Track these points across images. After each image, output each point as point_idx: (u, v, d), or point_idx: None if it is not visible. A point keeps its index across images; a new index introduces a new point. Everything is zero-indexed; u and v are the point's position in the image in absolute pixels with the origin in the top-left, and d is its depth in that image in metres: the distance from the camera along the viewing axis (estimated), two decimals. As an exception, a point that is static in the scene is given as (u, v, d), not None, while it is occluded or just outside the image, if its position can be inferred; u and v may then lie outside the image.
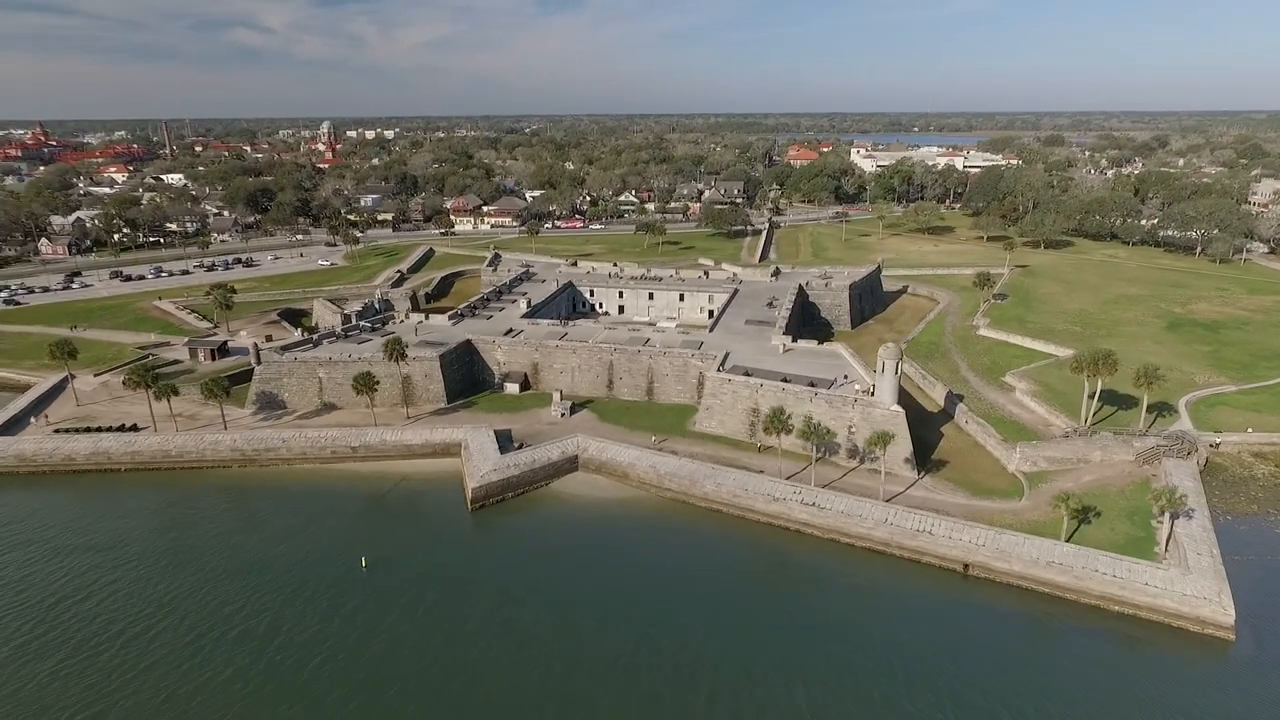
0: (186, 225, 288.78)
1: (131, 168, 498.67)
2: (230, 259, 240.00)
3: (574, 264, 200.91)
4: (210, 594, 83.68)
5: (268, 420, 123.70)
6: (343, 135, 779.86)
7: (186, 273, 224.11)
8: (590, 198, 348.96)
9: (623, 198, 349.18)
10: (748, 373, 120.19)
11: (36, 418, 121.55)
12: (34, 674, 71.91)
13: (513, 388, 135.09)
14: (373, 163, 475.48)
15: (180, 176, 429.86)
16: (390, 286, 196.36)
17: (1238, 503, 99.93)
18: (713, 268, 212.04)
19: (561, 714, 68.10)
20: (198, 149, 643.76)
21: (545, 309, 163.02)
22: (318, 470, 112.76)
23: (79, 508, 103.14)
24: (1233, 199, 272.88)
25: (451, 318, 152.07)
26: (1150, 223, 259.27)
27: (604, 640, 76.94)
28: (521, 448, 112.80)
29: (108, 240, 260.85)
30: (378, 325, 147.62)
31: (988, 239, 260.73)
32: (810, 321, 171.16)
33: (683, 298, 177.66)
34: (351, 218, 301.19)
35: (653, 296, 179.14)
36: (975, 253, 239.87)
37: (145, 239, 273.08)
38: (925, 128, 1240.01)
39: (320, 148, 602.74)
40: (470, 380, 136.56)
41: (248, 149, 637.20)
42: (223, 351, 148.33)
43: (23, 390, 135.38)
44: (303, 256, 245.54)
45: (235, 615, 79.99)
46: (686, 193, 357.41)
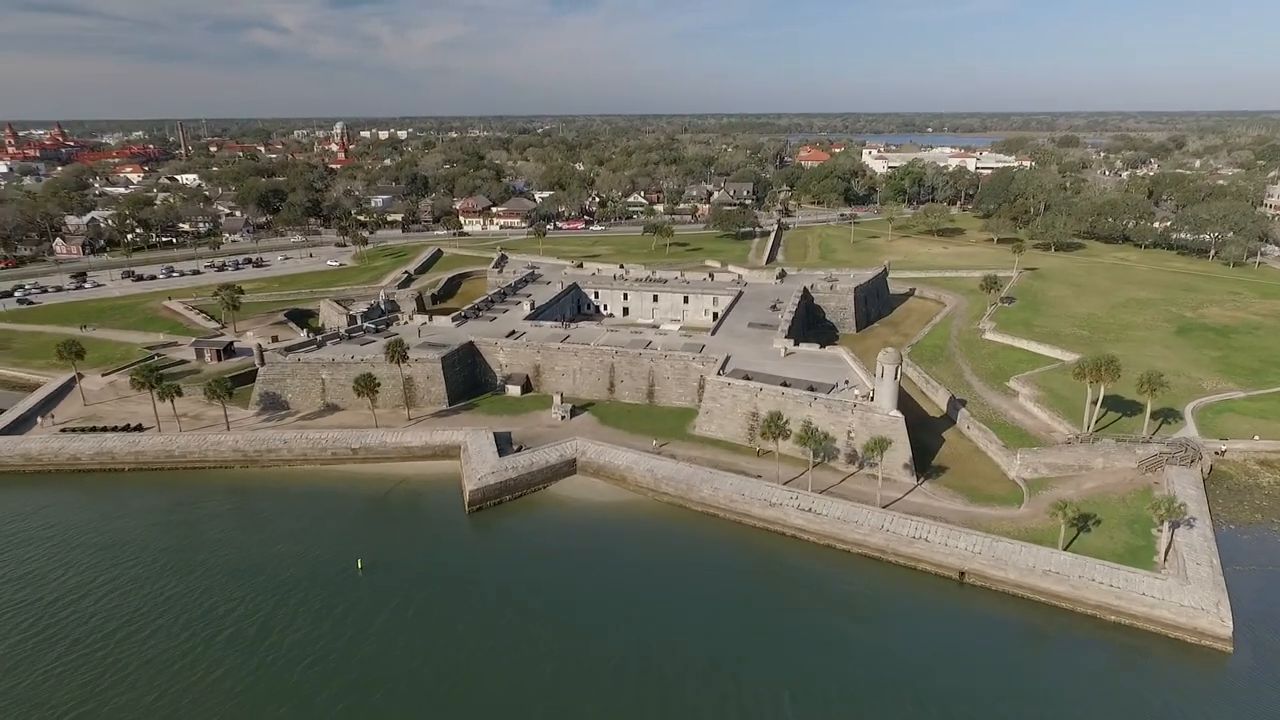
0: (199, 225, 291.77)
1: (147, 168, 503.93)
2: (241, 259, 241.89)
3: (579, 266, 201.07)
4: (205, 594, 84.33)
5: (271, 421, 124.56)
6: (356, 136, 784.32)
7: (198, 273, 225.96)
8: (599, 199, 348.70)
9: (631, 199, 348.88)
10: (748, 376, 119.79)
11: (43, 417, 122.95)
12: (29, 670, 72.78)
13: (514, 390, 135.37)
14: (384, 163, 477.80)
15: (194, 177, 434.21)
16: (397, 287, 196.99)
17: (1241, 511, 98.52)
18: (719, 270, 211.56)
19: (549, 716, 68.14)
20: (213, 149, 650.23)
21: (549, 311, 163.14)
22: (318, 471, 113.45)
23: (82, 507, 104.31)
24: (1248, 201, 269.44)
25: (455, 319, 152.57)
26: (1163, 225, 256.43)
27: (595, 644, 76.89)
28: (521, 450, 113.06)
29: (121, 240, 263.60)
30: (381, 327, 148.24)
31: (998, 241, 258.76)
32: (815, 324, 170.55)
33: (687, 300, 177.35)
34: (361, 218, 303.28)
35: (657, 299, 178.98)
36: (985, 255, 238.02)
37: (158, 239, 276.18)
38: (939, 128, 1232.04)
39: (333, 148, 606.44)
40: (472, 382, 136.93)
41: (262, 149, 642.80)
42: (229, 352, 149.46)
43: (32, 389, 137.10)
44: (312, 257, 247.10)
45: (229, 615, 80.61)
46: (696, 194, 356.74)
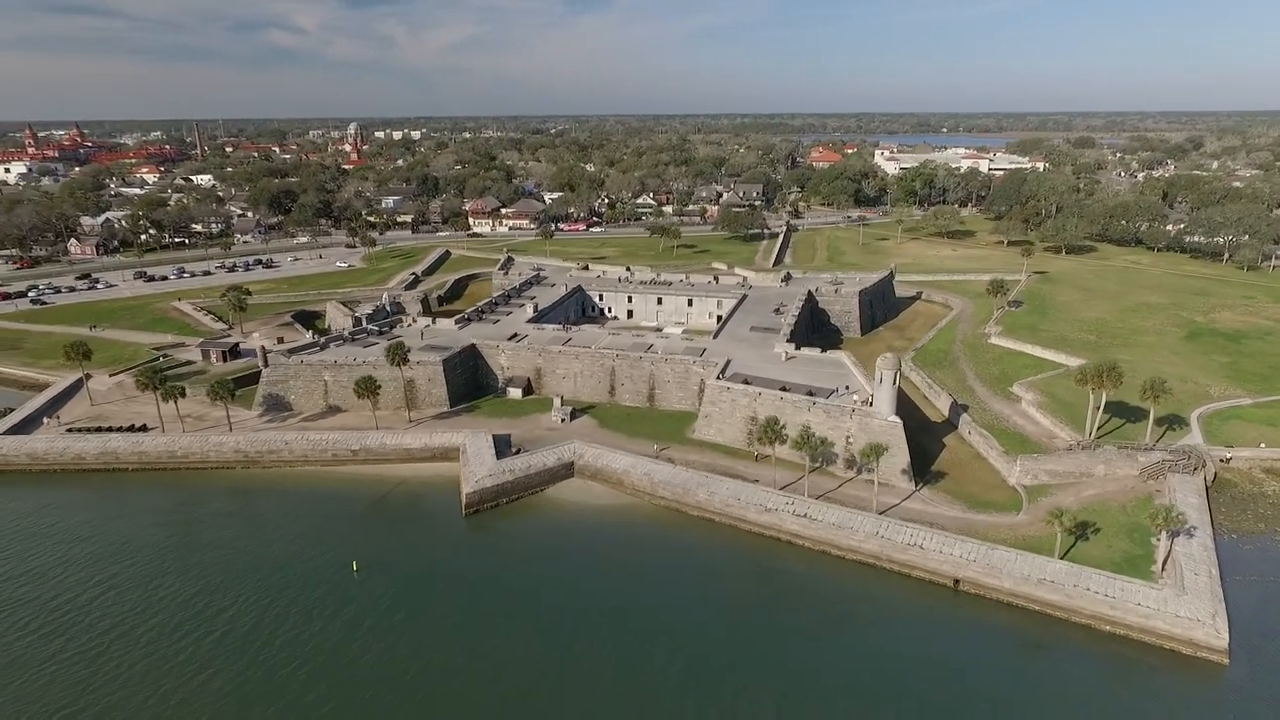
0: (211, 226, 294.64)
1: (163, 169, 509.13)
2: (251, 260, 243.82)
3: (585, 268, 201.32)
4: (200, 594, 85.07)
5: (273, 422, 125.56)
6: (370, 136, 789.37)
7: (208, 274, 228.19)
8: (609, 200, 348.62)
9: (641, 200, 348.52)
10: (747, 380, 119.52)
11: (49, 417, 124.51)
12: (25, 667, 73.74)
13: (515, 393, 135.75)
14: (397, 164, 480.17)
15: (209, 177, 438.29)
16: (404, 289, 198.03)
17: (1244, 521, 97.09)
18: (724, 272, 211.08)
19: (540, 718, 68.45)
20: (228, 150, 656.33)
21: (552, 314, 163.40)
22: (318, 473, 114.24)
23: (84, 506, 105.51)
24: (1263, 204, 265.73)
25: (459, 322, 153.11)
26: (1177, 228, 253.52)
27: (587, 646, 76.92)
28: (519, 453, 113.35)
29: (134, 241, 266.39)
30: (385, 329, 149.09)
31: (1008, 244, 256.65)
32: (820, 328, 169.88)
33: (691, 303, 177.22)
34: (371, 219, 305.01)
35: (661, 301, 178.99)
36: (994, 258, 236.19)
37: (170, 240, 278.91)
38: (954, 128, 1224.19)
39: (346, 149, 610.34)
40: (474, 384, 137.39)
41: (276, 150, 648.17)
42: (234, 353, 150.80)
43: (42, 389, 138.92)
44: (321, 258, 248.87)
45: (221, 616, 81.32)
46: (705, 195, 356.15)
